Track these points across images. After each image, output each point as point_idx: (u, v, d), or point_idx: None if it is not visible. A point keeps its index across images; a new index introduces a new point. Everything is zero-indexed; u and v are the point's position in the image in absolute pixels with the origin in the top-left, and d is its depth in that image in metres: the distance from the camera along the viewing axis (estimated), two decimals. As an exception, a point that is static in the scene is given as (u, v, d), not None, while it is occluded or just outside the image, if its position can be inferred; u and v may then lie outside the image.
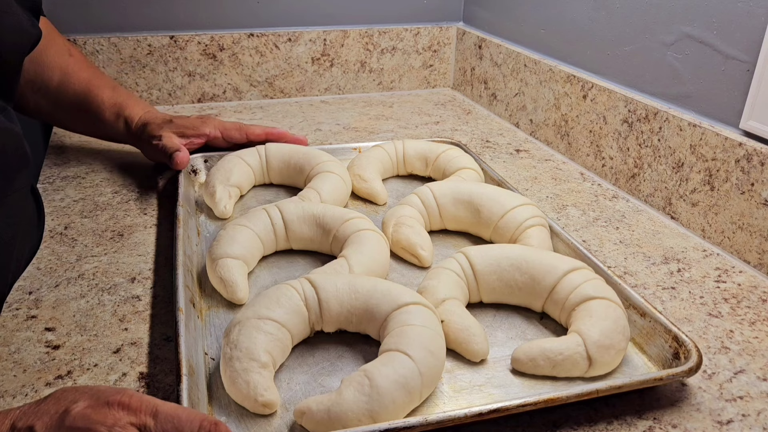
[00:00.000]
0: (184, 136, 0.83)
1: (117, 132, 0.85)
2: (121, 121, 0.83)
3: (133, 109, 0.84)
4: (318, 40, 1.25)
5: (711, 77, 0.79)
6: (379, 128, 1.14)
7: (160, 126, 0.83)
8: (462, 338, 0.57)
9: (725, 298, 0.68)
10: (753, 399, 0.55)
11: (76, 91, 0.83)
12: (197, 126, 0.83)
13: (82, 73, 0.85)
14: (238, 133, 0.84)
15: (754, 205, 0.72)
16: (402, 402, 0.49)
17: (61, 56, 0.84)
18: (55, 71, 0.83)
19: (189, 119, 0.84)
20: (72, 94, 0.83)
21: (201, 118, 0.85)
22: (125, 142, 0.89)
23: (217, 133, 0.83)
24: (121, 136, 0.86)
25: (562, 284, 0.60)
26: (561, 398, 0.49)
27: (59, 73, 0.83)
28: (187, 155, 0.79)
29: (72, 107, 0.84)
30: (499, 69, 1.21)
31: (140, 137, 0.83)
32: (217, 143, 0.86)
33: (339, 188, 0.81)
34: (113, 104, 0.83)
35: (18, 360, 0.56)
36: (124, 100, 0.85)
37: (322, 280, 0.58)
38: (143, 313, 0.63)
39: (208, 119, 0.85)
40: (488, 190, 0.76)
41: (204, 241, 0.75)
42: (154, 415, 0.39)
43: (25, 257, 0.70)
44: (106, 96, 0.84)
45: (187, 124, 0.83)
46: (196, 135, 0.83)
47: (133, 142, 0.86)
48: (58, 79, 0.83)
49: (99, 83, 0.85)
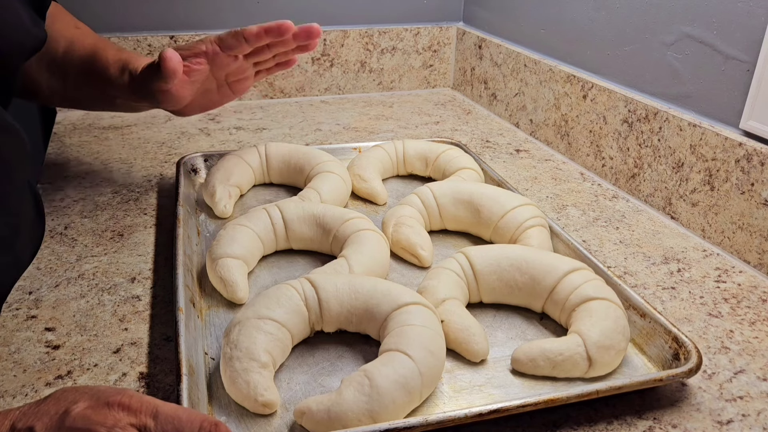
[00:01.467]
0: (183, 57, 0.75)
1: (123, 87, 0.80)
2: (126, 75, 0.79)
3: (137, 61, 0.79)
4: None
5: (711, 77, 0.79)
6: (379, 128, 1.14)
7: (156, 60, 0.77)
8: (462, 338, 0.57)
9: (725, 298, 0.68)
10: (753, 399, 0.55)
11: (82, 55, 0.81)
12: (192, 46, 0.76)
13: (87, 39, 0.82)
14: (234, 40, 0.76)
15: (754, 205, 0.72)
16: (402, 402, 0.49)
17: (67, 29, 0.83)
18: (61, 42, 0.81)
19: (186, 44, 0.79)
20: (78, 60, 0.81)
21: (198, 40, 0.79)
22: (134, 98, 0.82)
23: (214, 47, 0.76)
24: (127, 91, 0.80)
25: (562, 285, 0.60)
26: (561, 399, 0.49)
27: (65, 43, 0.81)
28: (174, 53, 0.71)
29: (80, 73, 0.81)
30: (499, 69, 1.21)
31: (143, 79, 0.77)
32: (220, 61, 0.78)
33: (339, 188, 0.81)
34: (117, 60, 0.80)
35: (18, 360, 0.56)
36: (128, 56, 0.81)
37: (322, 280, 0.58)
38: (143, 313, 0.63)
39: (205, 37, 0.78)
40: (488, 190, 0.76)
41: (204, 241, 0.75)
42: (154, 416, 0.39)
43: (26, 257, 0.70)
44: (111, 55, 0.80)
45: (182, 46, 0.77)
46: (193, 54, 0.75)
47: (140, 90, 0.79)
48: (64, 49, 0.81)
49: (104, 45, 0.82)
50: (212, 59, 0.76)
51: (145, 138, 1.06)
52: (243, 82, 0.83)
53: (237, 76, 0.82)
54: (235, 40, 0.75)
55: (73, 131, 1.08)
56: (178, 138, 1.06)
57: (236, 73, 0.81)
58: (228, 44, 0.75)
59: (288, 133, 1.10)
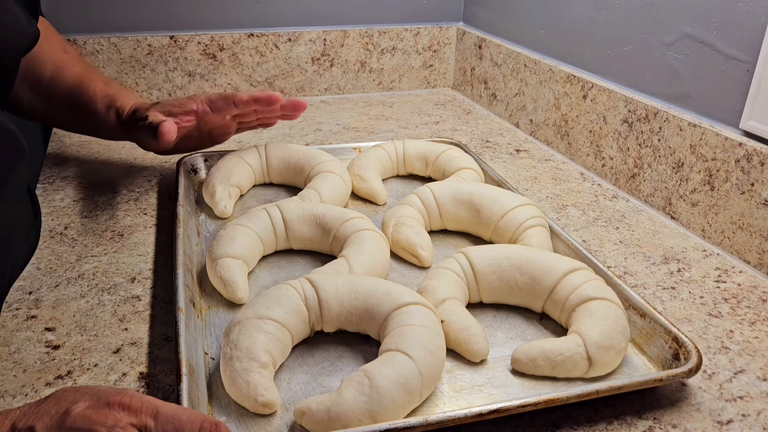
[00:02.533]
0: (171, 114, 0.78)
1: (109, 125, 0.82)
2: (113, 112, 0.81)
3: (124, 100, 0.82)
4: (318, 40, 1.25)
5: (711, 77, 0.79)
6: (379, 128, 1.14)
7: (146, 108, 0.80)
8: (462, 338, 0.57)
9: (725, 298, 0.68)
10: (753, 399, 0.55)
11: (68, 84, 0.82)
12: (184, 103, 0.79)
13: (75, 68, 0.84)
14: (224, 103, 0.79)
15: (754, 205, 0.72)
16: (402, 402, 0.49)
17: (55, 52, 0.83)
18: (48, 65, 0.82)
19: (176, 99, 0.81)
20: (64, 88, 0.82)
21: (188, 97, 0.81)
22: (118, 135, 0.86)
23: (204, 107, 0.79)
24: (113, 129, 0.83)
25: (562, 285, 0.60)
26: (561, 399, 0.49)
27: (52, 68, 0.82)
28: (173, 127, 0.74)
29: (64, 102, 0.82)
30: (499, 69, 1.21)
31: (131, 125, 0.80)
32: (208, 119, 0.82)
33: (339, 188, 0.81)
34: (105, 96, 0.82)
35: (18, 360, 0.56)
36: (115, 92, 0.83)
37: (322, 280, 0.58)
38: (143, 313, 0.63)
39: (195, 96, 0.81)
40: (488, 190, 0.76)
41: (204, 241, 0.75)
42: (154, 416, 0.39)
43: (22, 258, 0.70)
44: (98, 89, 0.82)
45: (174, 102, 0.80)
46: (184, 112, 0.78)
47: (126, 133, 0.83)
48: (51, 74, 0.82)
49: (91, 77, 0.84)
50: (201, 117, 0.80)
51: (145, 138, 1.06)
52: (224, 135, 0.88)
53: (220, 130, 0.87)
54: (224, 103, 0.79)
55: (73, 131, 1.08)
56: (178, 138, 1.06)
57: (220, 128, 0.86)
58: (218, 106, 0.79)
59: (288, 133, 1.10)
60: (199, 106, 0.79)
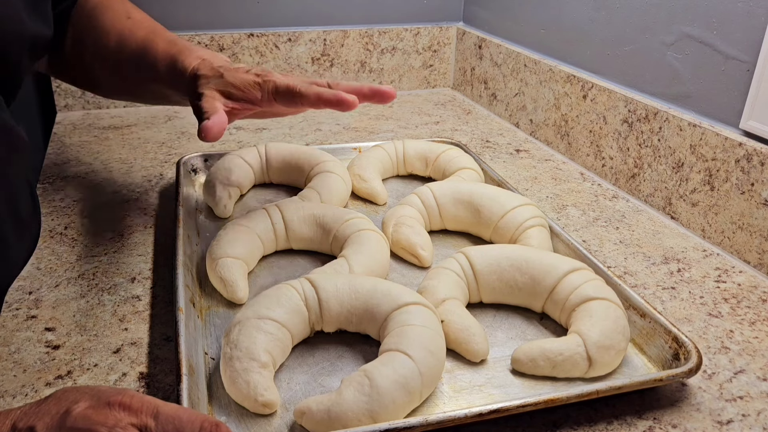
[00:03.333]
0: (231, 97, 0.68)
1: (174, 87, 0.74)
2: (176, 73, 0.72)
3: (186, 59, 0.72)
4: (318, 40, 1.25)
5: (711, 77, 0.79)
6: (379, 128, 1.14)
7: (207, 80, 0.69)
8: (462, 338, 0.57)
9: (725, 298, 0.68)
10: (753, 399, 0.55)
11: (132, 51, 0.75)
12: (248, 88, 0.68)
13: (138, 33, 0.76)
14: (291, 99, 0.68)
15: (754, 205, 0.72)
16: (402, 402, 0.49)
17: (118, 20, 0.77)
18: (112, 35, 0.76)
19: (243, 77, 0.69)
20: (128, 56, 0.75)
21: (258, 76, 0.68)
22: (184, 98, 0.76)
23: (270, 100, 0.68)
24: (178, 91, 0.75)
25: (562, 285, 0.60)
26: (561, 399, 0.49)
27: (115, 37, 0.76)
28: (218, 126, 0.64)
29: (132, 70, 0.76)
30: (499, 69, 1.21)
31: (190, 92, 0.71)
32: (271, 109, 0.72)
33: (339, 188, 0.81)
34: (167, 56, 0.73)
35: (18, 360, 0.56)
36: (178, 51, 0.74)
37: (322, 280, 0.58)
38: (143, 313, 0.63)
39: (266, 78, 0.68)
40: (488, 190, 0.76)
41: (204, 241, 0.75)
42: (155, 416, 0.39)
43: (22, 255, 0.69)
44: (160, 49, 0.74)
45: (237, 83, 0.68)
46: (245, 99, 0.68)
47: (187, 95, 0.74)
48: (115, 44, 0.75)
49: (154, 38, 0.75)
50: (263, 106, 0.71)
51: (145, 138, 1.06)
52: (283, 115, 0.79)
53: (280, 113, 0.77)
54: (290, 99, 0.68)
55: (73, 131, 1.08)
56: (178, 138, 1.06)
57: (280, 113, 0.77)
58: (284, 100, 0.69)
59: (288, 133, 1.10)
60: (263, 96, 0.68)
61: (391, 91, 0.69)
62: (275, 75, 0.69)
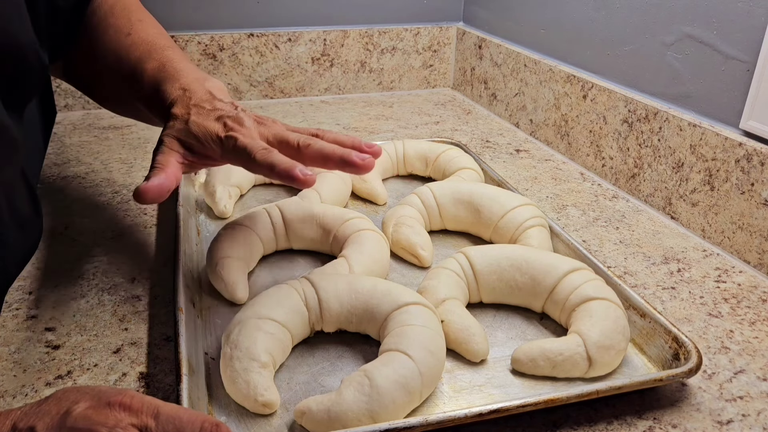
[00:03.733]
0: (190, 149, 0.60)
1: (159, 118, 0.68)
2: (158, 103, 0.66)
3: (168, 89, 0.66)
4: (318, 40, 1.25)
5: (711, 77, 0.79)
6: (379, 128, 1.14)
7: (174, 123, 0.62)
8: (462, 338, 0.57)
9: (725, 298, 0.68)
10: (753, 399, 0.55)
11: (126, 75, 0.71)
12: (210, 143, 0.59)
13: (133, 54, 0.71)
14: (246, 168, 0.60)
15: (754, 205, 0.72)
16: (402, 402, 0.49)
17: (117, 38, 0.73)
18: (110, 56, 0.72)
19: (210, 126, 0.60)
20: (123, 78, 0.71)
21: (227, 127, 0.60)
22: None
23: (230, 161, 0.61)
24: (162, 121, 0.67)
25: (562, 285, 0.60)
26: (561, 399, 0.49)
27: (113, 57, 0.72)
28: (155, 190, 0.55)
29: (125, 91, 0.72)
30: (499, 69, 1.21)
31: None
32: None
33: (339, 188, 0.81)
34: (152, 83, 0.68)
35: (18, 360, 0.56)
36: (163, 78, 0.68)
37: (322, 280, 0.58)
38: (143, 313, 0.63)
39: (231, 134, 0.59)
40: (488, 190, 0.76)
41: (204, 241, 0.75)
42: (155, 416, 0.39)
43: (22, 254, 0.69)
44: (148, 75, 0.68)
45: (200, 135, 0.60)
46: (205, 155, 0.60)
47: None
48: (113, 64, 0.72)
49: (147, 60, 0.70)
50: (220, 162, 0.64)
51: (145, 138, 1.06)
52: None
53: None
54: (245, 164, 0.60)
55: (73, 131, 1.08)
56: (178, 138, 1.06)
57: None
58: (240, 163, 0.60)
59: (288, 133, 1.10)
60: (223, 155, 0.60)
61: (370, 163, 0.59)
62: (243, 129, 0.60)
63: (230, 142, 0.59)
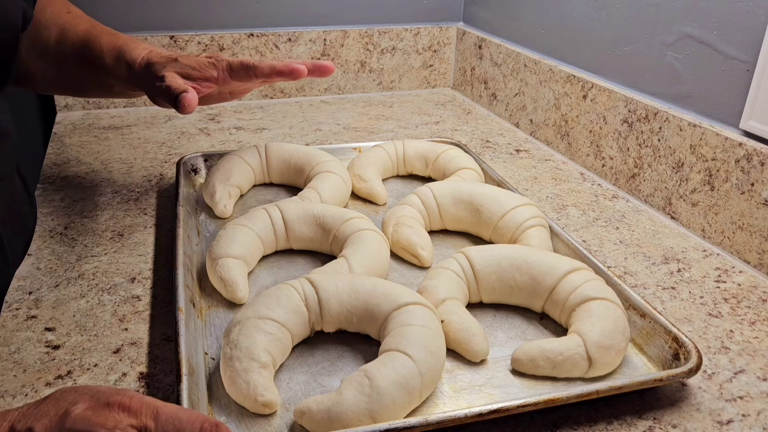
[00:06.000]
0: (189, 78, 0.73)
1: (121, 79, 0.78)
2: (123, 65, 0.76)
3: (133, 51, 0.77)
4: (318, 40, 1.25)
5: (711, 77, 0.79)
6: (379, 128, 1.14)
7: (163, 65, 0.74)
8: (462, 338, 0.57)
9: (725, 298, 0.68)
10: (753, 399, 0.55)
11: (74, 44, 0.78)
12: (204, 67, 0.74)
13: (79, 26, 0.79)
14: (245, 73, 0.75)
15: (754, 205, 0.72)
16: (402, 402, 0.49)
17: (58, 15, 0.80)
18: (53, 29, 0.78)
19: (196, 59, 0.75)
20: (70, 49, 0.78)
21: (210, 57, 0.75)
22: (132, 90, 0.82)
23: (225, 76, 0.75)
24: (126, 83, 0.79)
25: (562, 285, 0.60)
26: (561, 399, 0.49)
27: (56, 31, 0.78)
28: (195, 97, 0.69)
29: (73, 63, 0.78)
30: (499, 69, 1.21)
31: (144, 79, 0.75)
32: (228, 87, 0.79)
33: (339, 188, 0.81)
34: (112, 48, 0.77)
35: (18, 360, 0.56)
36: (123, 43, 0.78)
37: (322, 280, 0.58)
38: (143, 313, 0.63)
39: (218, 59, 0.75)
40: (488, 190, 0.76)
41: (204, 241, 0.75)
42: (154, 417, 0.39)
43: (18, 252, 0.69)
44: (105, 42, 0.77)
45: (193, 64, 0.74)
46: (203, 78, 0.73)
47: (139, 84, 0.78)
48: (56, 37, 0.78)
49: (97, 32, 0.79)
50: (220, 83, 0.76)
51: (145, 138, 1.06)
52: (243, 93, 0.84)
53: (240, 90, 0.83)
54: (245, 73, 0.75)
55: (73, 131, 1.08)
56: (178, 138, 1.06)
57: (240, 89, 0.83)
58: (238, 75, 0.75)
59: (288, 133, 1.10)
60: (219, 74, 0.74)
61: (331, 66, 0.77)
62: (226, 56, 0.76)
63: (222, 63, 0.74)
